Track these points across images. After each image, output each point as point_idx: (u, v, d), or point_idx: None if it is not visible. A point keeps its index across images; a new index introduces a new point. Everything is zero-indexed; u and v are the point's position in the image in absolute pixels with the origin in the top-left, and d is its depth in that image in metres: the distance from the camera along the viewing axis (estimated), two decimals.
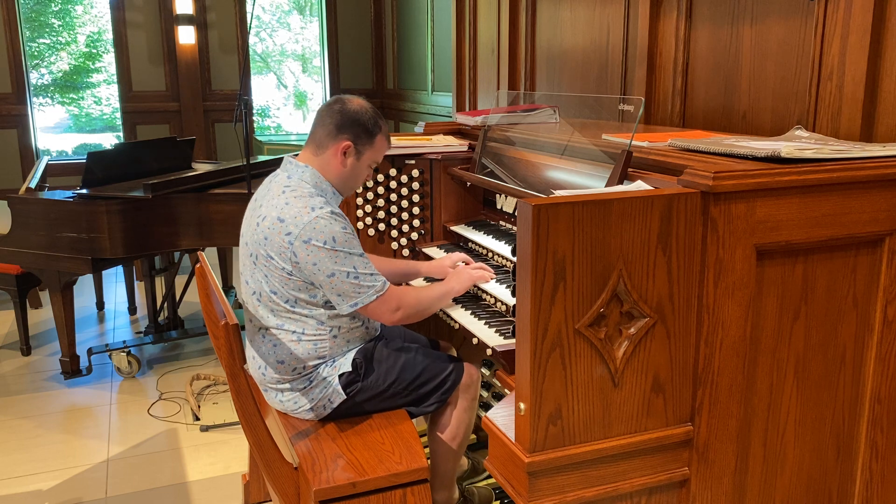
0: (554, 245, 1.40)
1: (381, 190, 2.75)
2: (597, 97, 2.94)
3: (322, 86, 8.24)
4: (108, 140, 8.66)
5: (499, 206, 2.72)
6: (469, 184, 2.79)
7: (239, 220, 3.69)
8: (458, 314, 2.19)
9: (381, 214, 2.77)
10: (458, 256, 2.44)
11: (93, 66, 8.72)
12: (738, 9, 2.34)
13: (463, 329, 2.11)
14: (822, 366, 1.70)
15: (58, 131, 8.72)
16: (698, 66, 2.54)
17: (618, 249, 1.45)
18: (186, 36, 7.17)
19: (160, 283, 4.59)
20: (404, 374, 2.16)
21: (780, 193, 1.53)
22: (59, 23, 8.45)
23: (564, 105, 2.82)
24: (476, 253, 2.60)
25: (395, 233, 2.80)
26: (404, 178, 2.77)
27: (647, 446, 1.56)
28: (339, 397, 2.11)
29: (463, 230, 2.72)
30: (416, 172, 2.78)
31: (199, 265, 2.15)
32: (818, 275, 1.63)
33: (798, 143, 1.75)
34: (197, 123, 7.38)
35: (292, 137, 8.22)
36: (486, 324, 2.09)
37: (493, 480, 2.67)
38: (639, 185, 1.69)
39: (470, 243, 2.66)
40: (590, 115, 2.71)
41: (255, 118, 8.29)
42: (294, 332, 2.09)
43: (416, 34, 6.92)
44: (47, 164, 4.96)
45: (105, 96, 8.74)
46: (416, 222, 2.83)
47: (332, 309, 2.07)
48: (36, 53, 8.32)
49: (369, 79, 8.12)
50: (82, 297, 5.13)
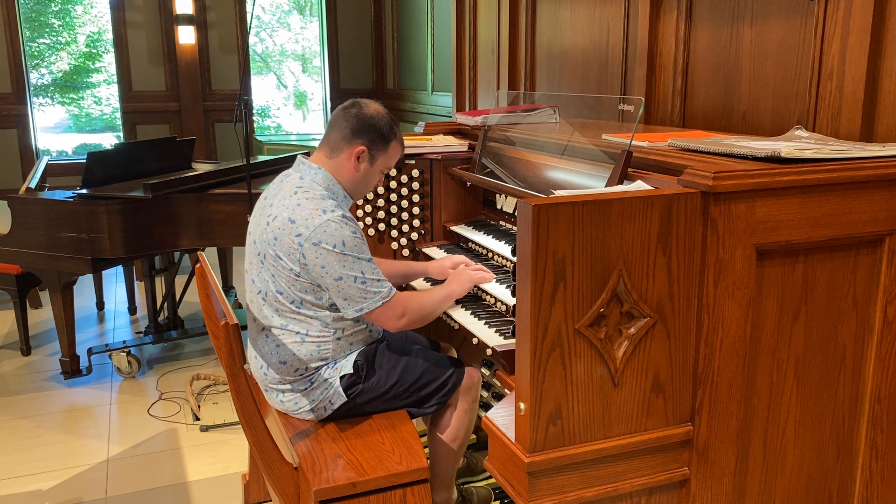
0: (554, 245, 1.40)
1: (381, 190, 2.75)
2: (597, 97, 2.94)
3: (322, 86, 8.24)
4: (108, 140, 8.66)
5: (499, 206, 2.72)
6: (469, 184, 2.79)
7: (239, 220, 3.75)
8: (458, 314, 2.19)
9: (381, 214, 2.77)
10: (459, 259, 2.43)
11: (93, 66, 8.72)
12: (738, 9, 2.34)
13: (463, 329, 2.11)
14: (822, 366, 1.70)
15: (58, 131, 8.73)
16: (698, 66, 2.54)
17: (618, 249, 1.45)
18: (186, 36, 7.17)
19: (160, 283, 4.59)
20: (405, 376, 2.16)
21: (780, 193, 1.53)
22: (59, 23, 8.46)
23: (564, 105, 2.82)
24: (476, 253, 2.60)
25: (395, 233, 2.80)
26: (404, 178, 2.77)
27: (647, 446, 1.56)
28: (339, 399, 2.11)
29: (463, 230, 2.72)
30: (416, 172, 2.78)
31: (199, 265, 2.15)
32: (818, 275, 1.63)
33: (798, 143, 1.75)
34: (197, 123, 7.38)
35: (292, 137, 8.22)
36: (486, 324, 2.09)
37: (492, 480, 2.67)
38: (639, 185, 1.69)
39: (470, 243, 2.66)
40: (590, 115, 2.71)
41: (255, 118, 8.29)
42: (298, 333, 2.09)
43: (416, 34, 6.92)
44: (47, 164, 4.96)
45: (105, 96, 8.75)
46: (416, 222, 2.83)
47: (337, 311, 2.07)
48: (36, 53, 8.32)
49: (369, 79, 8.12)
50: (82, 297, 5.13)
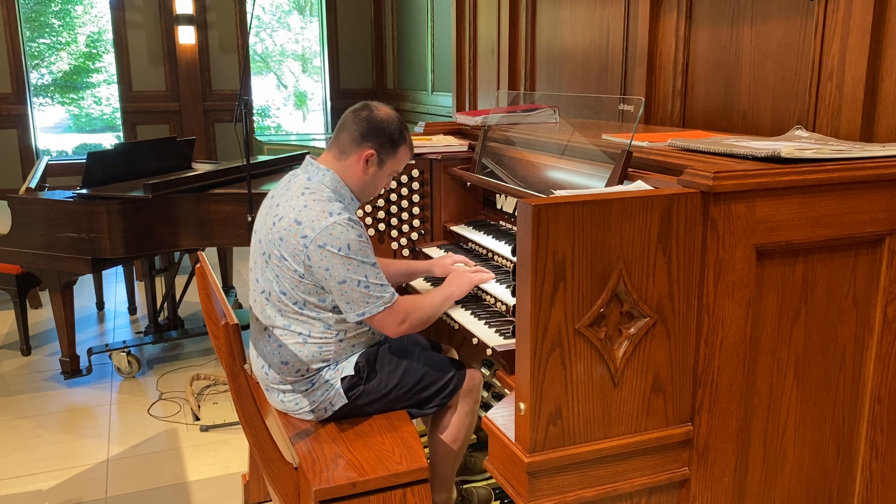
0: (554, 245, 1.40)
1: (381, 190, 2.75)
2: (597, 97, 2.94)
3: (322, 86, 8.24)
4: (108, 140, 8.66)
5: (499, 206, 2.72)
6: (469, 184, 2.79)
7: (239, 220, 3.74)
8: (458, 314, 2.19)
9: (381, 214, 2.77)
10: (459, 258, 2.44)
11: (93, 66, 8.72)
12: (738, 9, 2.34)
13: (463, 329, 2.11)
14: (822, 366, 1.70)
15: (58, 131, 8.72)
16: (698, 66, 2.54)
17: (618, 249, 1.45)
18: (186, 36, 7.17)
19: (160, 283, 4.59)
20: (406, 378, 2.15)
21: (780, 193, 1.53)
22: (59, 23, 8.45)
23: (564, 105, 2.82)
24: (476, 253, 2.60)
25: (395, 233, 2.80)
26: (404, 178, 2.77)
27: (647, 446, 1.56)
28: (340, 400, 2.11)
29: (463, 230, 2.72)
30: (416, 172, 2.78)
31: (199, 265, 2.15)
32: (818, 275, 1.63)
33: (798, 143, 1.75)
34: (197, 123, 7.38)
35: (292, 137, 8.22)
36: (486, 324, 2.09)
37: (491, 480, 2.67)
38: (639, 185, 1.69)
39: (470, 243, 2.66)
40: (590, 115, 2.71)
41: (255, 118, 8.29)
42: (300, 334, 2.09)
43: (416, 34, 6.92)
44: (47, 164, 4.96)
45: (105, 96, 8.75)
46: (416, 222, 2.83)
47: (340, 314, 2.07)
48: (36, 53, 8.32)
49: (369, 79, 8.12)
50: (82, 297, 5.13)
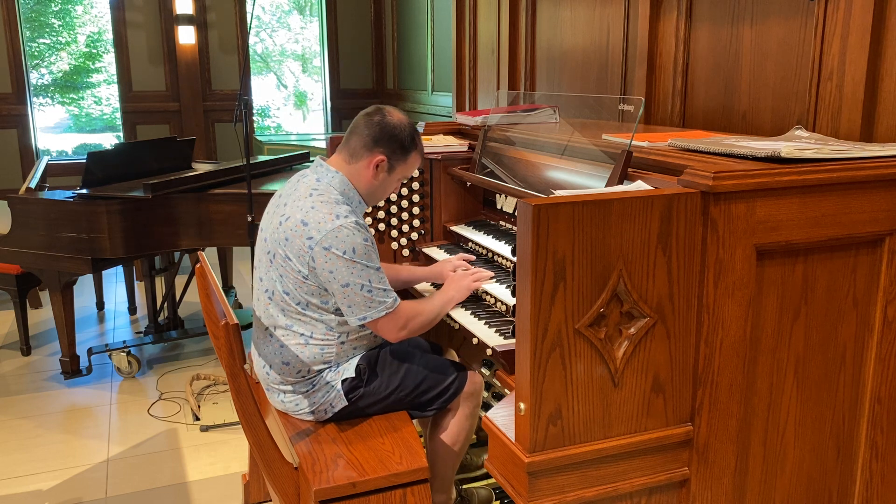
0: (554, 245, 1.40)
1: None
2: (597, 97, 2.94)
3: (322, 86, 8.24)
4: (108, 140, 8.66)
5: (499, 206, 2.72)
6: (469, 184, 2.79)
7: (239, 220, 3.74)
8: (458, 314, 2.19)
9: (381, 214, 2.77)
10: (458, 263, 2.43)
11: (93, 66, 8.72)
12: (738, 9, 2.34)
13: (463, 329, 2.11)
14: (822, 366, 1.70)
15: (58, 131, 8.73)
16: (698, 66, 2.54)
17: (618, 249, 1.45)
18: (186, 36, 7.17)
19: (160, 283, 4.59)
20: (407, 381, 2.15)
21: (780, 193, 1.53)
22: (59, 23, 8.45)
23: (564, 105, 2.82)
24: (476, 253, 2.60)
25: (395, 233, 2.80)
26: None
27: (647, 446, 1.56)
28: (341, 402, 2.11)
29: (463, 230, 2.72)
30: (416, 172, 2.77)
31: (199, 265, 2.15)
32: (818, 275, 1.63)
33: (798, 143, 1.75)
34: (197, 123, 7.38)
35: (292, 137, 8.21)
36: (486, 324, 2.09)
37: (491, 480, 2.67)
38: (639, 185, 1.69)
39: (470, 243, 2.66)
40: (590, 115, 2.71)
41: (255, 118, 8.29)
42: (302, 335, 2.09)
43: (416, 34, 6.92)
44: (47, 164, 4.96)
45: (105, 96, 8.75)
46: (416, 222, 2.83)
47: (343, 316, 2.07)
48: (36, 53, 8.32)
49: (369, 79, 8.12)
50: (82, 297, 5.13)
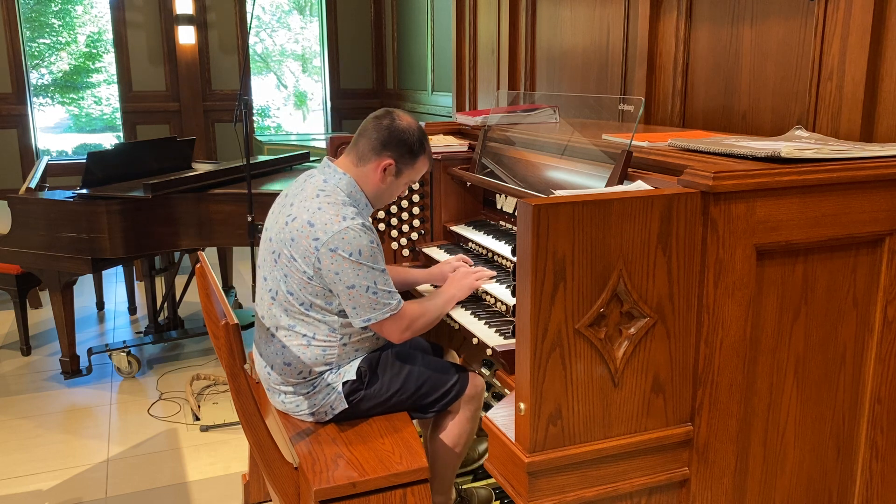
0: (554, 245, 1.40)
1: None
2: (597, 97, 2.94)
3: (322, 86, 8.24)
4: (108, 140, 8.66)
5: (499, 206, 2.72)
6: (469, 184, 2.79)
7: (239, 220, 3.74)
8: (458, 314, 2.19)
9: (381, 214, 2.77)
10: (458, 263, 2.42)
11: (93, 66, 8.72)
12: (738, 9, 2.34)
13: (463, 329, 2.11)
14: (822, 366, 1.70)
15: (58, 131, 8.72)
16: (698, 66, 2.54)
17: (618, 249, 1.45)
18: (186, 36, 7.17)
19: (160, 283, 4.59)
20: (408, 384, 2.15)
21: (780, 193, 1.53)
22: (59, 23, 8.45)
23: (564, 105, 2.82)
24: (476, 253, 2.60)
25: (395, 233, 2.80)
26: None
27: (647, 446, 1.56)
28: (341, 404, 2.11)
29: (463, 230, 2.72)
30: None
31: (199, 265, 2.15)
32: (818, 275, 1.63)
33: (798, 143, 1.75)
34: (197, 123, 7.38)
35: (292, 137, 8.21)
36: (486, 324, 2.09)
37: (491, 480, 2.67)
38: (639, 185, 1.69)
39: (470, 243, 2.66)
40: (590, 115, 2.71)
41: (255, 118, 8.29)
42: (304, 336, 2.08)
43: (416, 34, 6.92)
44: (47, 164, 4.96)
45: (105, 96, 8.75)
46: (416, 222, 2.83)
47: (346, 317, 2.06)
48: (36, 53, 8.32)
49: (369, 79, 8.12)
50: (82, 297, 5.13)
